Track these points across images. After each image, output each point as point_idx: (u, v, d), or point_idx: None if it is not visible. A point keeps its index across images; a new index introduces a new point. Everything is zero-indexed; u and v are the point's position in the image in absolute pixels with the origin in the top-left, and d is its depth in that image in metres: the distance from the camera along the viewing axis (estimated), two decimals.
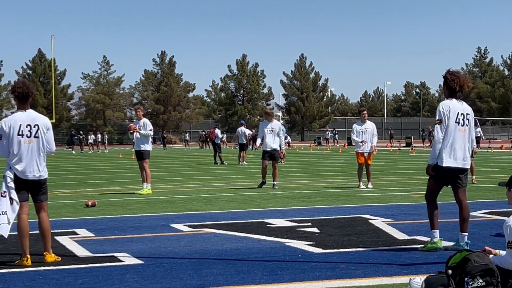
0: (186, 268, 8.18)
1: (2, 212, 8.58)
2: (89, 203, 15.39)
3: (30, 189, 8.88)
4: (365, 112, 20.59)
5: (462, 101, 9.40)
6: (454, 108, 9.23)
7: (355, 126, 20.21)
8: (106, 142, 76.35)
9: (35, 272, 8.10)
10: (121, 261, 8.74)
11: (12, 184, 8.69)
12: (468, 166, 9.34)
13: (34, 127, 8.83)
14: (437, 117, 9.26)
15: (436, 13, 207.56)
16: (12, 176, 8.73)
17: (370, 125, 20.13)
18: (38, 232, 9.18)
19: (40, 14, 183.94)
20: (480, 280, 6.33)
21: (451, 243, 9.50)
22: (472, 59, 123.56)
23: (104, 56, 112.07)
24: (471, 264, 6.38)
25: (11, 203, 8.65)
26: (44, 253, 8.82)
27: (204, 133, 76.19)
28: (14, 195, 8.67)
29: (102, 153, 64.44)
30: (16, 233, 8.97)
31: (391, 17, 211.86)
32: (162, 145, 79.67)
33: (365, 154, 19.88)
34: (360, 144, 19.84)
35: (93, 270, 8.15)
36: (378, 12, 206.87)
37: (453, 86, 9.24)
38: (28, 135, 8.78)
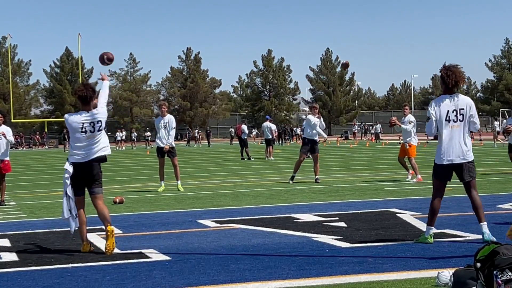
0: (213, 264, 8.18)
1: (68, 209, 9.23)
2: (117, 200, 15.47)
3: (85, 180, 9.35)
4: (406, 107, 20.77)
5: (459, 94, 9.26)
6: (444, 106, 9.18)
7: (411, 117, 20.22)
8: (135, 140, 76.68)
9: (63, 269, 8.14)
10: (149, 257, 8.77)
11: (69, 181, 9.21)
12: (468, 160, 9.20)
13: (98, 123, 9.30)
14: (427, 115, 9.38)
15: (463, 4, 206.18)
16: (70, 171, 9.21)
17: (407, 118, 20.19)
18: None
19: (66, 13, 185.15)
20: (510, 273, 6.26)
21: (479, 236, 9.43)
22: (500, 50, 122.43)
23: (131, 54, 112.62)
24: (499, 257, 6.31)
25: (68, 199, 9.20)
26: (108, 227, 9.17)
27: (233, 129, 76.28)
28: (70, 192, 9.21)
29: (128, 150, 64.72)
30: (45, 230, 9.10)
31: (418, 10, 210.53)
32: (186, 142, 79.93)
33: (406, 145, 19.98)
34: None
35: (121, 267, 8.18)
36: (404, 4, 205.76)
37: (448, 82, 9.16)
38: (92, 130, 9.26)
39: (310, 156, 20.64)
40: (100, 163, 9.46)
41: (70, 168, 9.23)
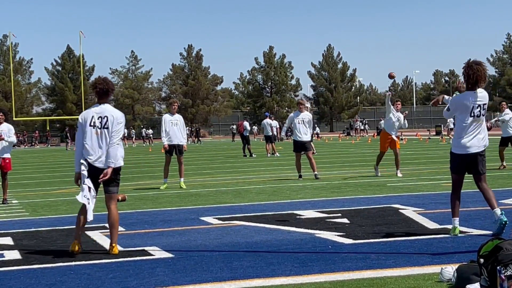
0: (216, 261, 8.18)
1: (86, 197, 9.02)
2: (119, 198, 15.36)
3: (104, 181, 9.18)
4: (398, 102, 20.71)
5: (481, 89, 9.37)
6: (469, 103, 9.30)
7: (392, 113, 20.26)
8: (134, 137, 76.70)
9: (66, 267, 8.14)
10: (152, 255, 8.77)
11: (86, 173, 9.06)
12: (481, 150, 9.37)
13: (104, 118, 9.15)
14: (447, 103, 9.74)
15: (465, 0, 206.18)
16: (86, 165, 9.10)
17: (401, 115, 20.22)
18: (73, 227, 9.35)
19: (68, 11, 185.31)
20: None
21: (485, 232, 9.45)
22: (501, 46, 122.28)
23: (132, 51, 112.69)
24: (503, 253, 6.30)
25: (89, 190, 9.05)
26: (112, 244, 9.01)
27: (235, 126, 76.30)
28: (89, 182, 9.08)
29: (130, 147, 64.80)
30: (47, 228, 9.09)
31: (419, 6, 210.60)
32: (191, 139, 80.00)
33: (394, 137, 19.98)
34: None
35: (124, 264, 8.18)
36: (406, 1, 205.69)
37: (470, 79, 9.26)
38: (100, 126, 9.13)
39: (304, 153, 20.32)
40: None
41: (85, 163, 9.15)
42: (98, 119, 9.13)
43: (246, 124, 39.97)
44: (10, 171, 16.30)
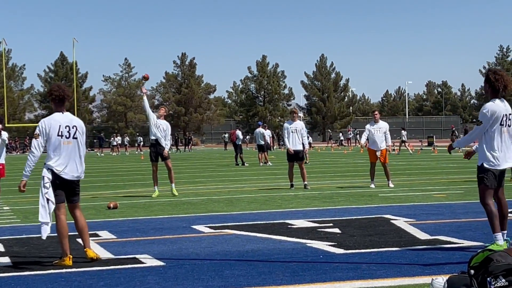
0: (207, 270, 8.18)
1: (43, 214, 8.89)
2: (111, 205, 15.45)
3: (66, 190, 9.09)
4: (376, 112, 20.94)
5: (504, 100, 9.10)
6: (500, 111, 8.95)
7: (367, 126, 20.72)
8: (128, 144, 76.59)
9: (57, 275, 8.13)
10: (143, 262, 8.76)
11: (49, 185, 8.91)
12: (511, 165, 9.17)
13: (73, 128, 9.08)
14: (480, 119, 9.01)
15: (457, 12, 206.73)
16: (50, 177, 8.95)
17: (382, 125, 20.38)
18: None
19: (61, 18, 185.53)
20: (503, 280, 6.27)
21: (476, 243, 9.45)
22: (494, 58, 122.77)
23: (126, 59, 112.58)
24: (493, 264, 6.32)
25: (47, 202, 8.90)
26: (85, 249, 8.99)
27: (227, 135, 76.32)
28: (50, 195, 8.90)
29: (123, 155, 64.69)
30: (38, 235, 9.05)
31: (412, 16, 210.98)
32: (183, 147, 79.88)
33: (378, 153, 20.04)
34: (364, 145, 20.43)
35: (115, 272, 8.17)
36: (398, 11, 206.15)
37: (496, 86, 8.91)
38: (67, 136, 9.02)
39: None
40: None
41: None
42: (65, 128, 9.01)
43: (239, 132, 39.98)
44: (3, 177, 16.27)
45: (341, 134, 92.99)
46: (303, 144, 20.32)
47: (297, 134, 20.27)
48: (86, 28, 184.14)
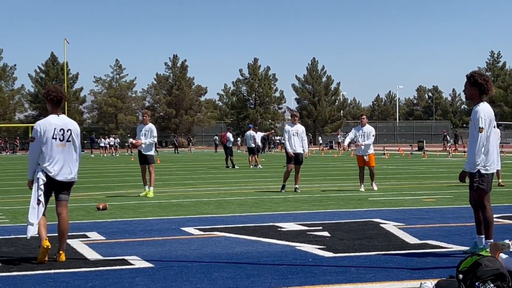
0: (196, 272, 8.17)
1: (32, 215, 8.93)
2: (100, 206, 15.42)
3: (58, 190, 9.16)
4: (364, 116, 21.22)
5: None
6: (491, 113, 8.91)
7: (353, 130, 20.92)
8: (118, 146, 76.46)
9: (45, 275, 8.10)
10: (132, 264, 8.74)
11: (43, 187, 8.99)
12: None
13: (67, 131, 9.16)
14: (481, 125, 8.79)
15: (449, 17, 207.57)
16: (44, 179, 9.02)
17: (366, 129, 20.48)
18: (53, 235, 9.28)
19: (52, 18, 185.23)
20: (491, 285, 6.29)
21: (465, 248, 9.47)
22: (485, 63, 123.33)
23: (117, 60, 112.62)
24: (482, 269, 6.34)
25: (38, 203, 8.94)
26: (60, 252, 8.96)
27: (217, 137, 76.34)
28: (42, 197, 8.96)
29: (113, 156, 64.55)
30: (24, 236, 9.03)
31: (403, 21, 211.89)
32: (173, 149, 79.74)
33: (365, 157, 20.10)
34: (354, 147, 20.63)
35: (104, 273, 8.15)
36: (390, 16, 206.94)
37: (486, 88, 8.84)
38: (61, 139, 9.09)
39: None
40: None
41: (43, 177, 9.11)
42: (60, 131, 9.09)
43: (229, 135, 39.97)
44: None
45: (337, 136, 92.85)
46: (303, 147, 20.38)
47: (297, 137, 20.30)
48: (77, 29, 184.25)
